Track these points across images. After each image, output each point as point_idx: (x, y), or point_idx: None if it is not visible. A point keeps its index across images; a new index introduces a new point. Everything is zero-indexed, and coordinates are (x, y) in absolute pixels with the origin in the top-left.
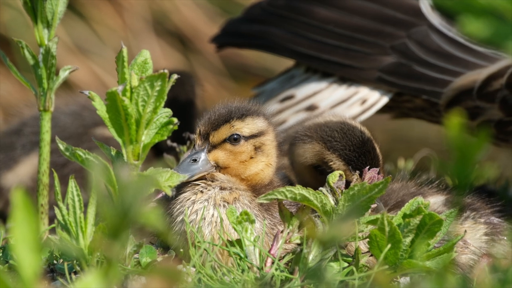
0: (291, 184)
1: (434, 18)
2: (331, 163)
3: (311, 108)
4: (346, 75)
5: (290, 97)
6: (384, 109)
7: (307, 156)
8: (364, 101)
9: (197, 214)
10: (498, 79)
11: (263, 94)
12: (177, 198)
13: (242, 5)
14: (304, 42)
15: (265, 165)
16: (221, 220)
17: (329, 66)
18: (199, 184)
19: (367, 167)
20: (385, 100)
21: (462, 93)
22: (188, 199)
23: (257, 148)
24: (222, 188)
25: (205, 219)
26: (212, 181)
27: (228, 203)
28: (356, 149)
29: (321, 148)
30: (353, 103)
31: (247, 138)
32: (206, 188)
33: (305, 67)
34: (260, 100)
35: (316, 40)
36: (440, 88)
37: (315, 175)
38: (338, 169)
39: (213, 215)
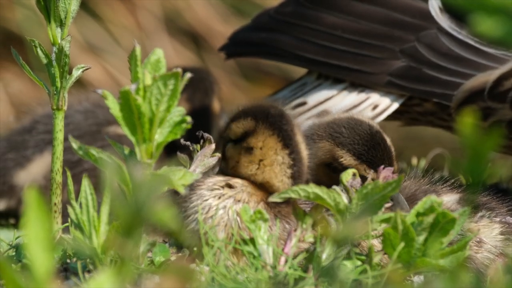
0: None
1: (443, 21)
2: (341, 159)
3: (323, 114)
4: (356, 80)
5: (302, 104)
6: (393, 115)
7: (318, 154)
8: (375, 107)
9: (212, 218)
10: (510, 79)
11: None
12: (193, 196)
13: (255, 4)
14: (313, 49)
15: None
16: (236, 225)
17: (339, 71)
18: (217, 189)
19: (382, 166)
20: (396, 105)
21: (473, 94)
22: (205, 200)
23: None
24: (236, 200)
25: (219, 225)
26: (230, 188)
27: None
28: (365, 142)
29: (330, 146)
30: (364, 108)
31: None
32: (223, 196)
33: (316, 74)
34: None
35: (325, 46)
36: (451, 90)
37: (328, 173)
38: (349, 165)
39: (226, 224)
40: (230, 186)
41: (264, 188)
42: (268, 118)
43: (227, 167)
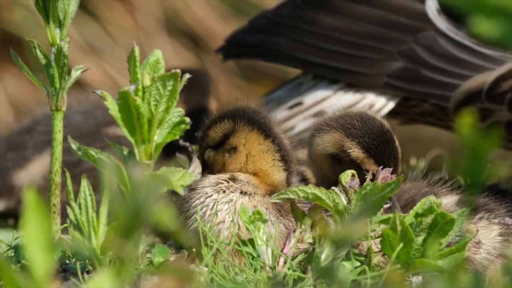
0: (305, 181)
1: (441, 23)
2: (350, 151)
3: (319, 114)
4: (354, 82)
5: (298, 104)
6: (391, 115)
7: (326, 145)
8: (371, 106)
9: (216, 215)
10: (507, 81)
11: (271, 102)
12: (196, 194)
13: (254, 4)
14: (310, 50)
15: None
16: (239, 227)
17: (337, 73)
18: (221, 183)
19: (381, 167)
20: (391, 105)
21: (471, 95)
22: (209, 197)
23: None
24: (242, 193)
25: (224, 222)
26: (234, 181)
27: None
28: (375, 137)
29: (340, 136)
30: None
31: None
32: (228, 189)
33: (312, 74)
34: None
35: (322, 48)
36: (448, 92)
37: (334, 166)
38: (357, 157)
39: (232, 220)
40: (234, 179)
41: (263, 181)
42: (245, 115)
43: (212, 174)
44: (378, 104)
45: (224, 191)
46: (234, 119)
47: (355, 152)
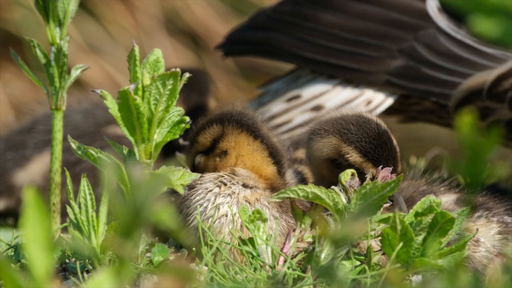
0: (304, 181)
1: (442, 21)
2: (347, 156)
3: (317, 108)
4: (354, 79)
5: (296, 97)
6: (392, 112)
7: (324, 150)
8: (369, 102)
9: (219, 209)
10: (508, 79)
11: (268, 93)
12: (196, 190)
13: (254, 4)
14: (310, 47)
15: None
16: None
17: (337, 70)
18: (222, 176)
19: (381, 166)
20: (390, 101)
21: (471, 94)
22: (210, 191)
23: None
24: (245, 186)
25: (226, 216)
26: (235, 175)
27: (249, 203)
28: (372, 141)
29: (337, 141)
30: (358, 104)
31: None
32: (230, 181)
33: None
34: (265, 99)
35: (323, 45)
36: (449, 90)
37: (332, 169)
38: (355, 162)
39: (235, 214)
40: (235, 173)
41: (259, 176)
42: (232, 118)
43: None
44: (377, 100)
45: (225, 184)
46: (222, 123)
47: (353, 157)
